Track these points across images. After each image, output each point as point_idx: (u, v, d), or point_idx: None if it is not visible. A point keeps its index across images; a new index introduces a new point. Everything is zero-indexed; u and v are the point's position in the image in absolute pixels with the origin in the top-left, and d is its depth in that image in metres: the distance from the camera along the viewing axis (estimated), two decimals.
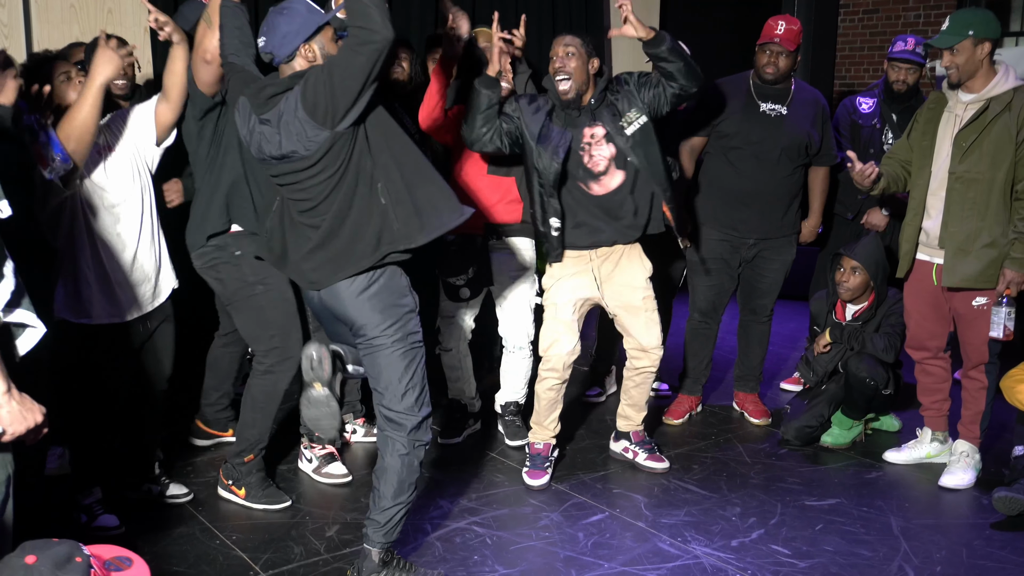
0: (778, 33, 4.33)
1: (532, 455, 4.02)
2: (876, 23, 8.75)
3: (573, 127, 3.79)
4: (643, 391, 4.11)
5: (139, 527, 3.47)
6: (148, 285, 3.46)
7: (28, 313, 2.04)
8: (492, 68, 3.73)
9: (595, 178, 3.83)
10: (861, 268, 4.35)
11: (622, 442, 4.22)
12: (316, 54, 2.88)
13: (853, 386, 4.30)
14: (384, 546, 3.05)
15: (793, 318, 6.25)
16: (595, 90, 3.79)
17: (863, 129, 4.92)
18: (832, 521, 3.66)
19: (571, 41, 3.74)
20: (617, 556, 3.36)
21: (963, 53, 3.68)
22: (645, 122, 3.79)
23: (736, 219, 4.51)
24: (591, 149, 3.80)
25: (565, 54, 3.71)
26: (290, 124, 2.79)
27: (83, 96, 3.06)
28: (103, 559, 1.87)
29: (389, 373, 2.93)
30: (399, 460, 2.97)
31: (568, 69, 3.70)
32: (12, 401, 1.95)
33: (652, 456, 4.14)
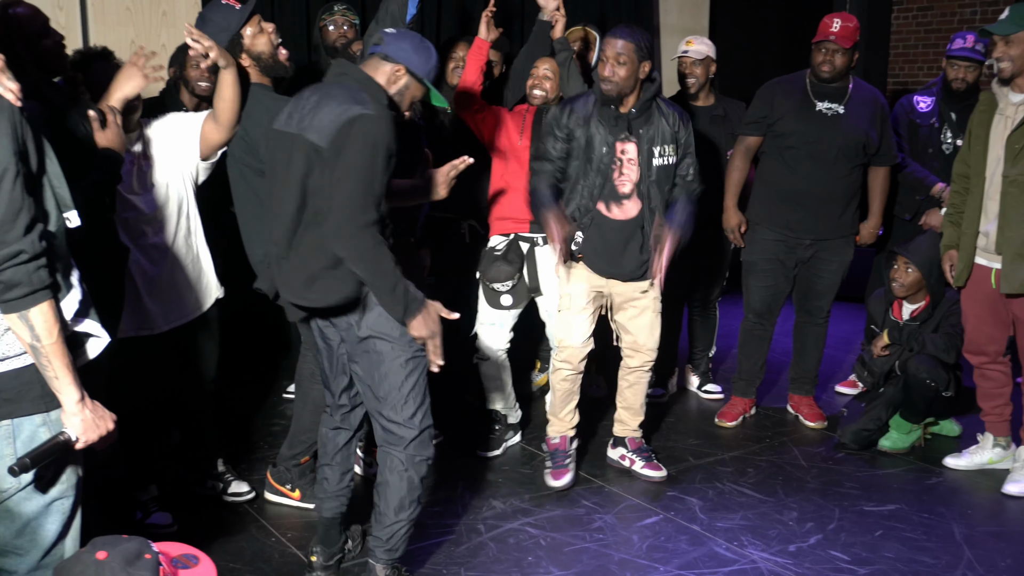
0: (833, 31, 4.25)
1: (551, 452, 3.94)
2: (931, 20, 8.59)
3: (612, 135, 3.67)
4: (638, 393, 4.03)
5: (196, 524, 3.50)
6: (187, 294, 3.43)
7: (94, 323, 2.06)
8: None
9: (618, 200, 3.72)
10: (914, 266, 4.27)
11: (619, 449, 4.12)
12: (399, 80, 2.89)
13: (912, 388, 4.22)
14: (388, 562, 3.01)
15: (849, 320, 6.15)
16: (640, 98, 3.67)
17: (921, 128, 4.83)
18: (892, 527, 3.59)
19: (623, 48, 3.57)
20: (672, 560, 3.32)
21: (1018, 45, 3.57)
22: (672, 164, 3.72)
23: (791, 220, 4.44)
24: (623, 167, 3.70)
25: (616, 61, 3.58)
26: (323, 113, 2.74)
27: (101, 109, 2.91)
28: (171, 556, 1.88)
29: (391, 381, 2.85)
30: (398, 477, 2.89)
31: (616, 78, 3.58)
32: (85, 409, 1.98)
33: (649, 464, 4.02)
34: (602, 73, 3.63)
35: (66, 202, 2.01)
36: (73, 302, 2.00)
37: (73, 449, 1.99)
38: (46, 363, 1.91)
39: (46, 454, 1.93)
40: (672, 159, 3.71)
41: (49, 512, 2.05)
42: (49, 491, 2.04)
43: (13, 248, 1.82)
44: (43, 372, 1.93)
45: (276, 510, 3.64)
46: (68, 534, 2.10)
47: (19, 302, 1.85)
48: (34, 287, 1.86)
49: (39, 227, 1.88)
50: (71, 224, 2.02)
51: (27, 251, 1.84)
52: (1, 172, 1.81)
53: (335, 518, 3.17)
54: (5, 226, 1.82)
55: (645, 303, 3.86)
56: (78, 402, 1.97)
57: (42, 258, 1.88)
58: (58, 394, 1.95)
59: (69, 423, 1.97)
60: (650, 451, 4.11)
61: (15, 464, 1.89)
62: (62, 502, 2.06)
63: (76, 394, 1.96)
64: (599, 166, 3.67)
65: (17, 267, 1.83)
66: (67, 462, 2.05)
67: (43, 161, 1.96)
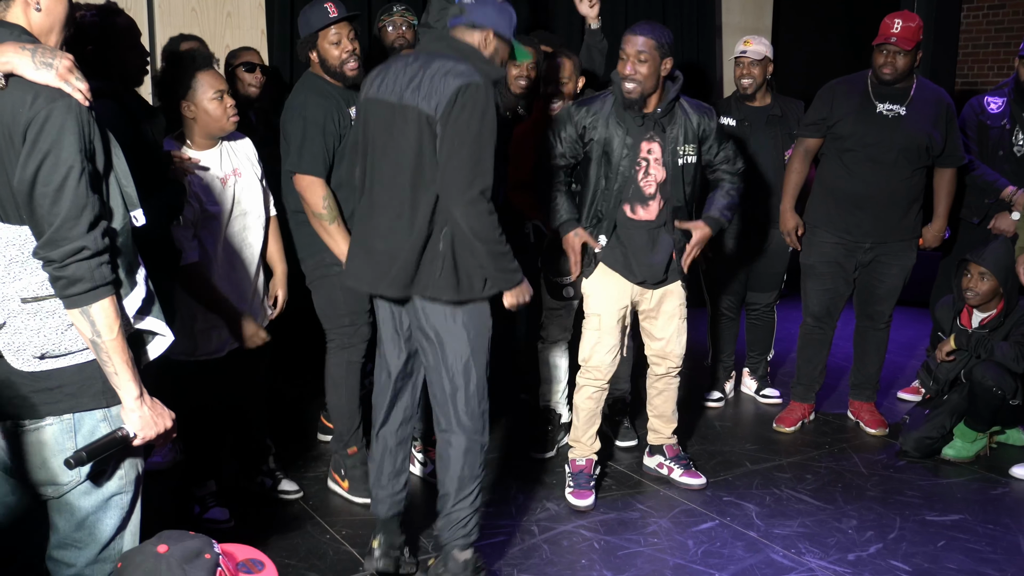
0: (894, 32, 4.15)
1: (574, 473, 3.85)
2: (1002, 19, 8.38)
3: (633, 136, 3.60)
4: (668, 400, 3.97)
5: (252, 520, 3.55)
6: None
7: (158, 321, 2.10)
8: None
9: (643, 202, 3.64)
10: (990, 274, 4.15)
11: (656, 457, 4.06)
12: (490, 44, 2.95)
13: (978, 395, 4.11)
14: (465, 545, 3.04)
15: (912, 325, 6.03)
16: (664, 98, 3.59)
17: (991, 130, 4.71)
18: (955, 538, 3.50)
19: (643, 45, 3.48)
20: (728, 566, 3.28)
21: None
22: (693, 163, 3.65)
23: (850, 223, 4.36)
24: (648, 167, 3.63)
25: (636, 59, 3.49)
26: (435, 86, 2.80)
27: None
28: (236, 560, 1.89)
29: (465, 364, 2.94)
30: (459, 456, 2.98)
31: (637, 76, 3.49)
32: (144, 407, 2.02)
33: (688, 472, 3.97)
34: (622, 72, 3.53)
35: (133, 200, 2.05)
36: (136, 299, 2.03)
37: (131, 445, 2.02)
38: (106, 359, 1.94)
39: (103, 449, 1.96)
40: (692, 159, 3.64)
41: (108, 507, 2.08)
42: (108, 486, 2.07)
43: (76, 244, 1.86)
44: (103, 368, 1.96)
45: (332, 508, 3.67)
46: (126, 529, 2.13)
47: (81, 297, 1.89)
48: (96, 283, 1.89)
49: (103, 224, 1.92)
50: (137, 222, 2.06)
51: (90, 247, 1.87)
52: (67, 170, 1.85)
53: (391, 518, 3.18)
54: (69, 223, 1.86)
55: (671, 309, 3.79)
56: (137, 398, 2.00)
57: (105, 255, 1.91)
58: (117, 390, 1.99)
59: (128, 419, 2.00)
60: (688, 458, 4.05)
61: (71, 457, 1.92)
62: (120, 497, 2.10)
63: (135, 390, 1.99)
64: (620, 167, 3.61)
65: (80, 263, 1.87)
66: (126, 458, 2.09)
67: (110, 159, 1.99)
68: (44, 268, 1.90)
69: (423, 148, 2.80)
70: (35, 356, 1.97)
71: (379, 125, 2.90)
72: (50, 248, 1.86)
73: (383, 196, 2.91)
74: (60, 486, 2.03)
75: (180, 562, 1.72)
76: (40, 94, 1.86)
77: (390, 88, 2.88)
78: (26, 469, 2.03)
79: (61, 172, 1.85)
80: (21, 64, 1.87)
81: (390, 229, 2.89)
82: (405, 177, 2.84)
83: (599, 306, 3.74)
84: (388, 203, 2.90)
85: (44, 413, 1.99)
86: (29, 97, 1.86)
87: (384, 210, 2.91)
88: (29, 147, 1.85)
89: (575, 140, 3.65)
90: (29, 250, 1.92)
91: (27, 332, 1.95)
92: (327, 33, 3.53)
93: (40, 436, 2.00)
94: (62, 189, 1.85)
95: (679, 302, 3.79)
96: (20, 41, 1.91)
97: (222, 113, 3.26)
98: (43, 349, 1.96)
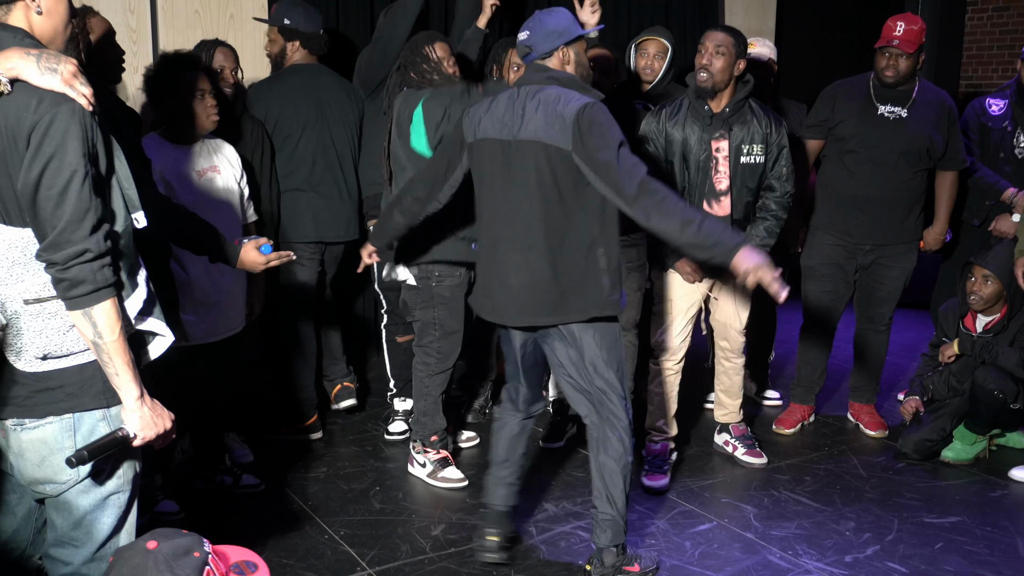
0: (897, 35, 4.16)
1: (650, 457, 3.99)
2: (1007, 20, 8.36)
3: (707, 134, 3.78)
4: (735, 376, 4.17)
5: (250, 519, 3.57)
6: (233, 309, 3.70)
7: (158, 322, 2.12)
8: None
9: (717, 198, 3.82)
10: (994, 277, 4.15)
11: (723, 435, 4.27)
12: (571, 59, 3.02)
13: (979, 398, 4.11)
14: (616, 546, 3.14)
15: (913, 327, 6.03)
16: (733, 97, 3.77)
17: (993, 132, 4.71)
18: (953, 540, 3.51)
19: (723, 40, 3.71)
20: (725, 567, 3.29)
21: None
22: (760, 163, 3.80)
23: (851, 224, 4.37)
24: (718, 164, 3.80)
25: (714, 51, 3.69)
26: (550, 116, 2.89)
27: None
28: (229, 561, 1.91)
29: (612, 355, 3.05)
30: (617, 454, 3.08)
31: (713, 68, 3.69)
32: (144, 407, 2.04)
33: (751, 451, 4.18)
34: (699, 63, 3.72)
35: (134, 203, 2.07)
36: (138, 301, 2.05)
37: (131, 446, 2.05)
38: (107, 360, 1.97)
39: (103, 448, 1.98)
40: (760, 159, 3.80)
41: (105, 506, 2.11)
42: (106, 485, 2.10)
43: (79, 247, 1.88)
44: (104, 369, 1.99)
45: (329, 508, 3.69)
46: (123, 528, 2.15)
47: (83, 299, 1.91)
48: (98, 285, 1.92)
49: (105, 227, 1.94)
50: (139, 225, 2.08)
51: (92, 250, 1.90)
52: (71, 174, 1.88)
53: (509, 510, 3.29)
54: (72, 226, 1.88)
55: (732, 288, 4.01)
56: (137, 399, 2.02)
57: (107, 257, 1.93)
58: (118, 391, 2.01)
59: (128, 420, 2.03)
60: (753, 438, 4.27)
61: (72, 456, 1.95)
62: (118, 496, 2.12)
63: (136, 391, 2.01)
64: (698, 164, 3.78)
65: (82, 265, 1.89)
66: (124, 458, 2.11)
67: (112, 163, 2.02)
68: (47, 270, 1.92)
69: (557, 178, 2.89)
70: (37, 357, 1.99)
71: (495, 164, 2.98)
72: (53, 251, 1.89)
73: (507, 232, 2.99)
74: (59, 484, 2.05)
75: (168, 559, 1.75)
76: (44, 98, 1.89)
77: (504, 128, 2.96)
78: (25, 467, 2.06)
79: (65, 176, 1.87)
80: (26, 69, 1.89)
81: (524, 263, 2.96)
82: (535, 211, 2.92)
83: (673, 291, 3.92)
84: (515, 237, 2.97)
85: (45, 413, 2.02)
86: (33, 101, 1.88)
87: (512, 244, 2.98)
88: (33, 151, 1.87)
89: (661, 147, 3.85)
90: (32, 252, 1.94)
91: (30, 333, 1.98)
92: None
93: (40, 435, 2.03)
94: (65, 192, 1.88)
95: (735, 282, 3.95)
96: (24, 45, 1.93)
97: (203, 111, 3.46)
98: (45, 350, 1.99)
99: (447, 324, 3.85)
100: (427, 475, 3.93)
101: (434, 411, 3.91)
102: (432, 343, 3.87)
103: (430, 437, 3.92)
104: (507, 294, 3.02)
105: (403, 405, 4.43)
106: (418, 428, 3.96)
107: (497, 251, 3.02)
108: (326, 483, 3.91)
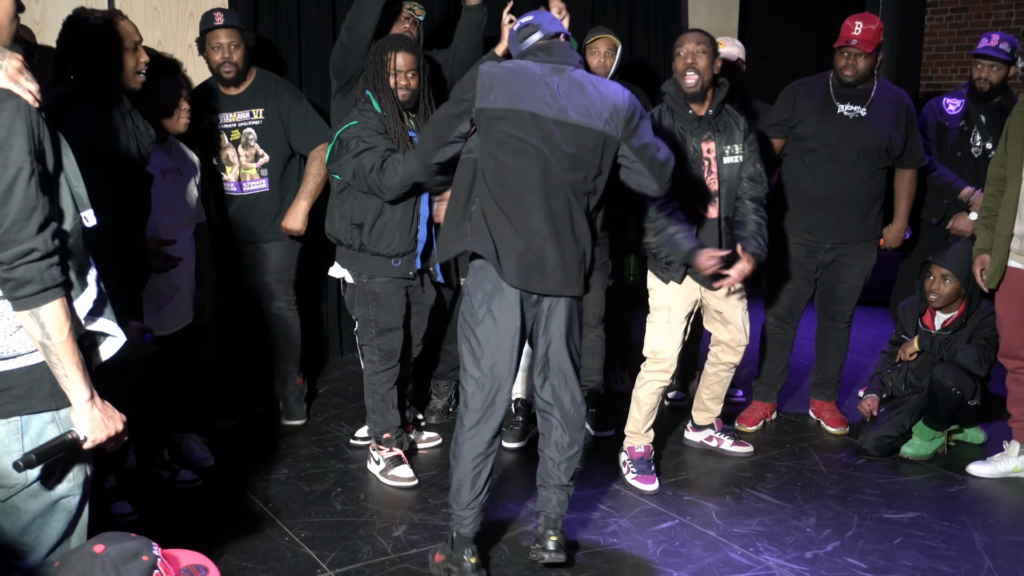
0: (855, 35, 4.20)
1: (634, 460, 4.00)
2: (965, 21, 8.48)
3: (696, 137, 3.81)
4: (725, 383, 4.21)
5: (209, 521, 3.53)
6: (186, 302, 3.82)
7: (109, 322, 2.08)
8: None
9: (711, 199, 3.84)
10: (952, 276, 4.20)
11: (706, 431, 4.34)
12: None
13: (938, 395, 4.16)
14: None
15: (874, 325, 6.08)
16: (714, 100, 3.81)
17: (950, 131, 4.77)
18: (911, 535, 3.54)
19: (702, 39, 3.77)
20: (687, 565, 3.30)
21: None
22: (738, 163, 3.83)
23: (812, 223, 4.40)
24: (710, 165, 3.83)
25: (696, 51, 3.73)
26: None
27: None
28: (180, 565, 1.89)
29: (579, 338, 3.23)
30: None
31: (698, 66, 3.73)
32: (95, 409, 2.00)
33: (738, 443, 4.31)
34: (681, 66, 3.75)
35: (83, 201, 2.03)
36: (88, 301, 2.02)
37: (81, 448, 2.01)
38: (56, 361, 1.93)
39: (53, 451, 1.94)
40: (739, 158, 3.84)
41: (55, 510, 2.07)
42: (55, 489, 2.06)
43: (26, 246, 1.85)
44: (53, 370, 1.95)
45: (290, 510, 3.66)
46: (74, 533, 2.11)
47: (30, 299, 1.88)
48: (45, 285, 1.88)
49: (53, 226, 1.90)
50: (88, 223, 2.04)
51: (39, 249, 1.86)
52: (16, 171, 1.84)
53: (478, 534, 3.18)
54: (18, 224, 1.85)
55: (735, 301, 4.00)
56: (87, 401, 1.98)
57: (54, 256, 1.90)
58: (67, 392, 1.97)
59: (78, 422, 1.99)
60: (734, 431, 4.40)
61: (20, 459, 1.91)
62: (68, 500, 2.08)
63: (86, 393, 1.98)
64: (694, 167, 3.81)
65: (29, 265, 1.86)
66: (75, 461, 2.07)
67: (60, 160, 1.98)
68: None
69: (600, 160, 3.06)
70: None
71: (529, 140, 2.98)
72: None
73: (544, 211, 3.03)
74: (6, 489, 2.01)
75: (115, 563, 1.72)
76: None
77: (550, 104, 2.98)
78: None
79: (10, 173, 1.84)
80: None
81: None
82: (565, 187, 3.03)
83: (669, 299, 3.92)
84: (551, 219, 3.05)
85: None
86: None
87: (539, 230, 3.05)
88: None
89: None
90: None
91: None
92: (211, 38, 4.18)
93: None
94: (11, 190, 1.84)
95: (742, 293, 3.99)
96: None
97: (178, 114, 3.63)
98: None
99: (382, 321, 3.87)
100: (379, 472, 3.94)
101: (383, 408, 3.93)
102: (371, 340, 3.90)
103: (382, 435, 3.93)
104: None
105: None
106: (371, 426, 3.99)
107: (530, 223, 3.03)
108: (287, 484, 3.88)
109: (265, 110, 4.32)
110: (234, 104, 4.31)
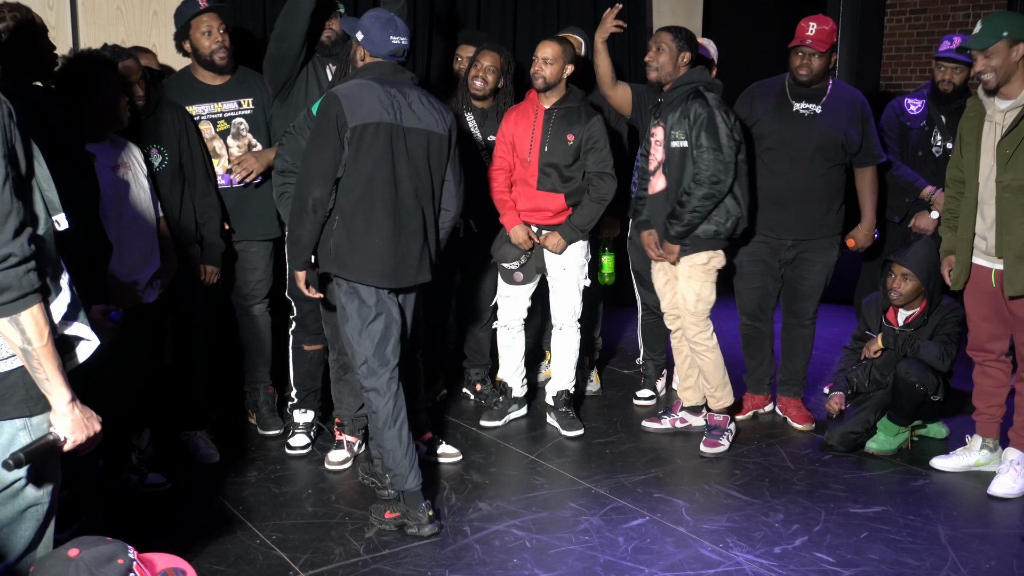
0: (809, 35, 4.30)
1: (711, 425, 4.35)
2: (923, 23, 8.60)
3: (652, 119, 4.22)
4: (686, 358, 4.46)
5: (180, 525, 3.51)
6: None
7: (83, 326, 2.06)
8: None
9: (650, 176, 4.24)
10: (912, 274, 4.26)
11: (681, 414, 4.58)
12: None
13: (901, 391, 4.22)
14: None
15: (838, 322, 6.16)
16: (673, 87, 4.09)
17: (911, 131, 4.84)
18: (877, 529, 3.60)
19: (664, 37, 4.12)
20: (657, 562, 3.32)
21: (998, 55, 3.60)
22: (684, 148, 4.03)
23: (772, 220, 4.47)
24: (651, 147, 4.16)
25: (656, 48, 4.10)
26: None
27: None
28: (156, 568, 1.88)
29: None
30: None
31: (656, 63, 4.11)
32: (76, 410, 2.00)
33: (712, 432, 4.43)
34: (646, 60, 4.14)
35: (55, 205, 2.01)
36: (62, 305, 2.00)
37: (61, 449, 2.00)
38: (37, 366, 1.92)
39: (38, 451, 1.94)
40: (684, 143, 4.03)
41: (23, 518, 2.05)
42: (25, 497, 2.04)
43: (2, 252, 1.82)
44: (34, 375, 1.93)
45: (261, 512, 3.64)
46: (41, 541, 2.10)
47: (9, 306, 1.85)
48: (24, 291, 1.86)
49: (28, 231, 1.88)
50: (60, 227, 2.02)
51: (16, 255, 1.84)
52: None
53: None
54: None
55: (681, 270, 4.25)
56: (69, 403, 1.98)
57: (32, 261, 1.87)
58: (48, 396, 1.96)
59: (59, 424, 1.98)
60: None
61: (9, 459, 1.90)
62: (37, 508, 2.07)
63: (67, 395, 1.97)
64: (646, 146, 4.31)
65: (7, 271, 1.83)
66: (45, 469, 2.06)
67: (32, 165, 1.96)
68: None
69: (432, 163, 3.51)
70: None
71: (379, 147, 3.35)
72: None
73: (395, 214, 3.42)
74: None
75: (90, 566, 1.71)
76: None
77: (394, 114, 3.38)
78: None
79: None
80: None
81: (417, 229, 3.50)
82: (411, 192, 3.44)
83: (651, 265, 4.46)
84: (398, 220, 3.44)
85: None
86: None
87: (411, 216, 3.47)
88: None
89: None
90: None
91: None
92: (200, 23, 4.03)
93: None
94: None
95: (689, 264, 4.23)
96: None
97: (122, 108, 3.57)
98: None
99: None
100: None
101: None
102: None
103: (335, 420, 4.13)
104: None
105: (303, 417, 4.29)
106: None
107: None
108: (258, 487, 3.86)
109: (254, 100, 4.21)
110: (218, 94, 4.16)
